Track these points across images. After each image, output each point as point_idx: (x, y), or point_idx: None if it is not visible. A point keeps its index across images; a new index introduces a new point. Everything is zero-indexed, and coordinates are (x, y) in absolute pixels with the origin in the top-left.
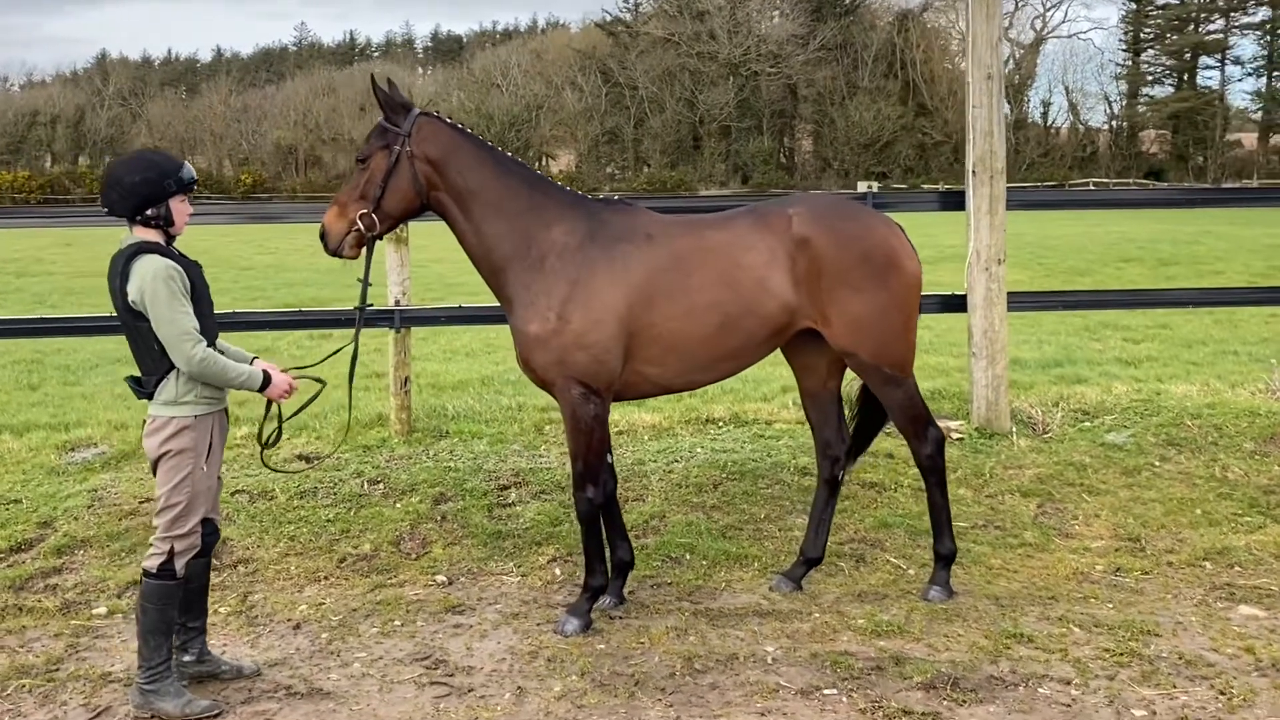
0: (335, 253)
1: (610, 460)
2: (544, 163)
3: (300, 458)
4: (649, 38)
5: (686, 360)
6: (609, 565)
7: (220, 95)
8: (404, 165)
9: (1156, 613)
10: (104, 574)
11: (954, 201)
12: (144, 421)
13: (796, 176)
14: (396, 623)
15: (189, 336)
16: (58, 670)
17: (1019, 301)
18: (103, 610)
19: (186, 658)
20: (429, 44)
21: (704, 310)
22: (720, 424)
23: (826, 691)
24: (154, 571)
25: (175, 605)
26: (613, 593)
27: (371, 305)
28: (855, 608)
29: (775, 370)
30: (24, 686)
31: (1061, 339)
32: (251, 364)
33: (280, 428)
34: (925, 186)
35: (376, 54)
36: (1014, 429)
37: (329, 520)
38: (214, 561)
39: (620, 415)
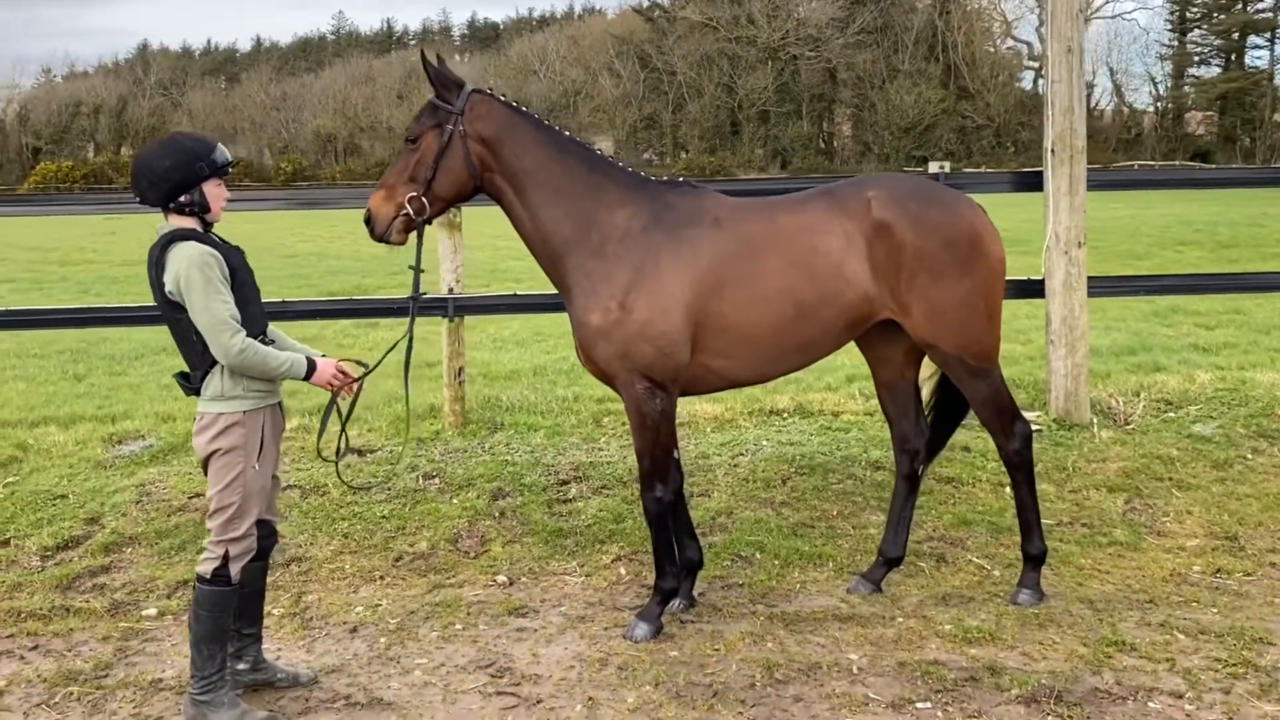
0: (382, 238)
1: (677, 455)
2: None
3: (353, 450)
4: (686, 22)
5: (757, 352)
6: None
7: (260, 84)
8: (456, 145)
9: (1266, 619)
10: (153, 573)
11: (1029, 183)
12: (195, 419)
13: (836, 161)
14: (457, 626)
15: (226, 326)
16: (106, 676)
17: (1100, 286)
18: (152, 611)
19: (241, 665)
20: (465, 32)
21: (776, 298)
22: (785, 415)
23: (919, 705)
24: (208, 577)
25: (230, 612)
26: (682, 595)
27: (425, 294)
28: (940, 612)
29: (840, 359)
30: (72, 694)
31: (1130, 324)
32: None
33: (345, 438)
34: (985, 169)
35: (414, 42)
36: (1094, 420)
37: (383, 517)
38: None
39: (680, 406)
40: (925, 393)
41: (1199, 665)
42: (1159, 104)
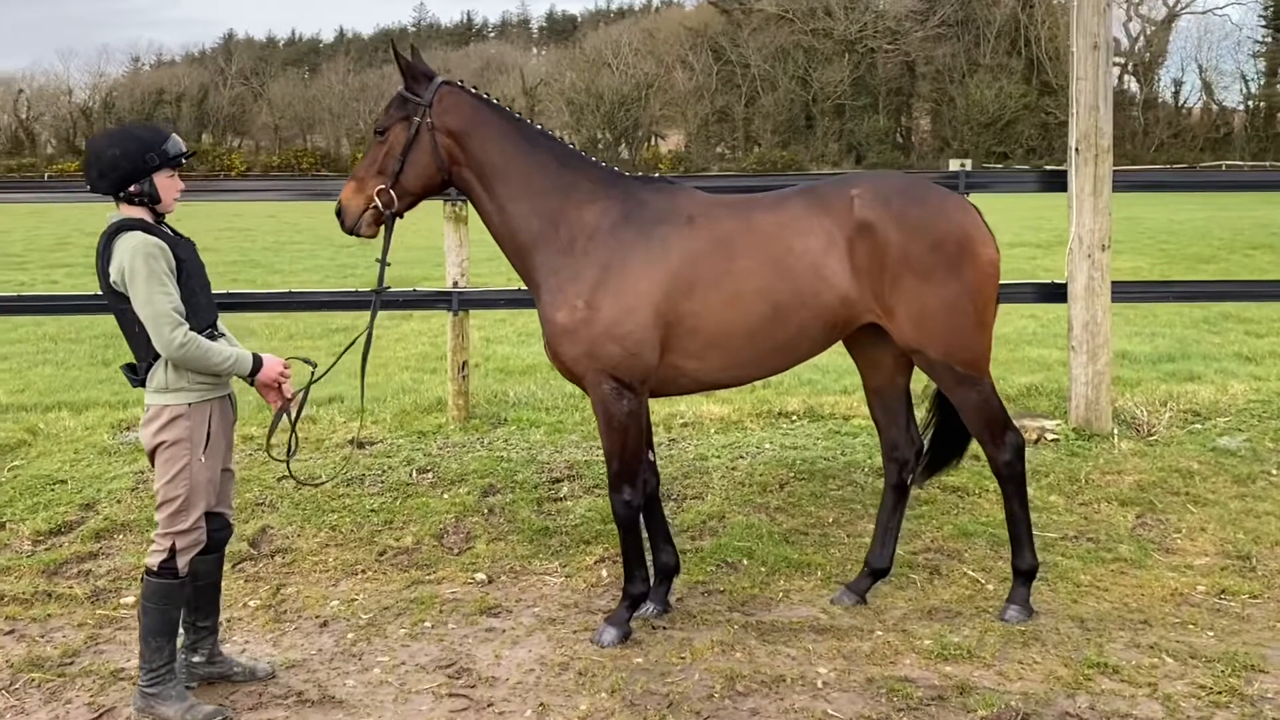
0: (352, 231)
1: (652, 458)
2: (653, 142)
3: (353, 443)
4: (762, 14)
5: (730, 354)
6: (651, 570)
7: (339, 75)
8: (424, 138)
9: (1264, 644)
10: (138, 560)
11: (1056, 182)
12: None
13: (913, 156)
14: (427, 624)
15: (168, 319)
16: (71, 664)
17: (1125, 292)
18: (130, 600)
19: (196, 658)
20: (543, 24)
21: (750, 299)
22: (794, 418)
23: None
24: (155, 569)
25: (178, 605)
26: (656, 600)
27: (389, 288)
28: (923, 626)
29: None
30: (33, 681)
31: (1177, 331)
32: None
33: (295, 437)
34: (1013, 168)
35: (492, 34)
36: (1116, 430)
37: (373, 510)
38: (251, 550)
39: (688, 406)
40: (926, 404)
41: (1181, 691)
42: (1250, 102)
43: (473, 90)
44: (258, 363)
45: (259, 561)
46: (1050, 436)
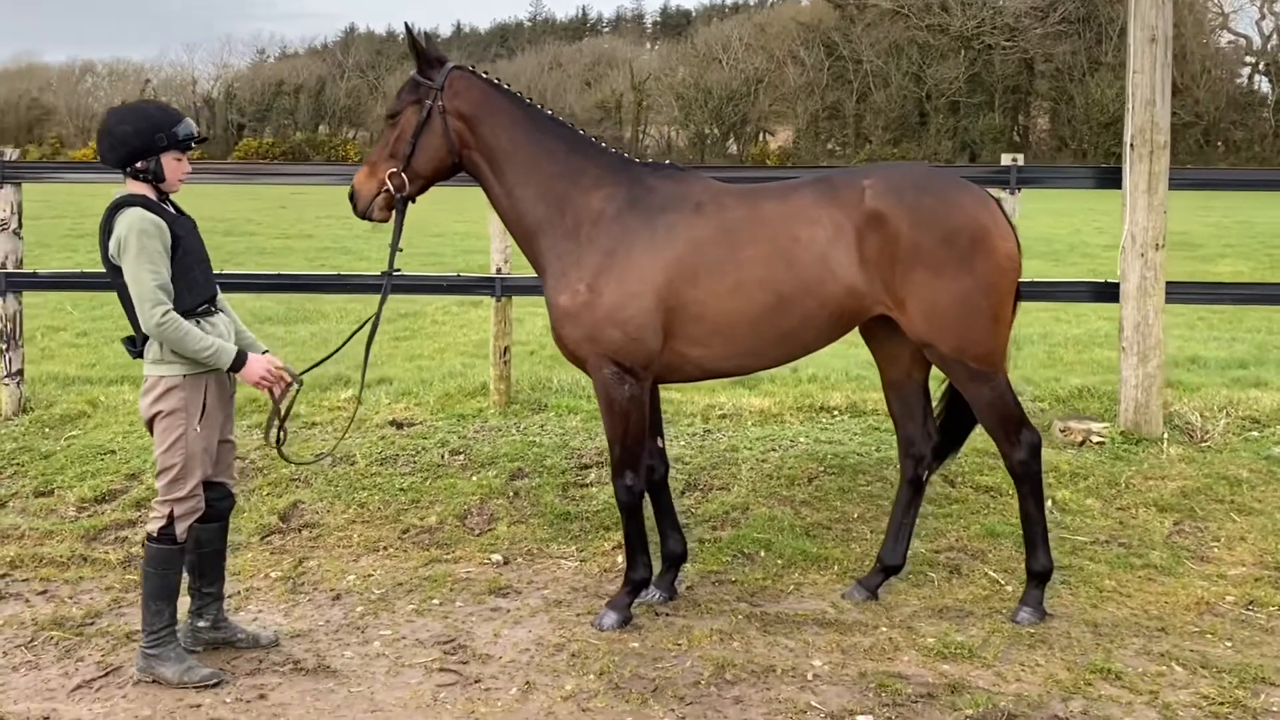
0: (365, 215)
1: (661, 445)
2: (761, 138)
3: (394, 424)
4: (877, 9)
5: (734, 343)
6: (659, 556)
7: None
8: (435, 121)
9: None
10: None
11: (1111, 179)
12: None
13: (1030, 156)
14: (435, 601)
15: (150, 296)
16: (91, 625)
17: (1180, 293)
18: None
19: (201, 623)
20: (657, 19)
21: (754, 288)
22: (835, 413)
23: (859, 718)
24: (155, 535)
25: (178, 570)
26: (662, 586)
27: (399, 270)
28: (930, 624)
29: None
30: (52, 639)
31: (1260, 337)
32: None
33: (283, 429)
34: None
35: (606, 29)
36: (1166, 435)
37: (402, 489)
38: (281, 524)
39: (727, 398)
40: (937, 394)
41: (1181, 701)
42: None
43: (484, 75)
44: (241, 359)
45: (287, 535)
46: (1096, 439)
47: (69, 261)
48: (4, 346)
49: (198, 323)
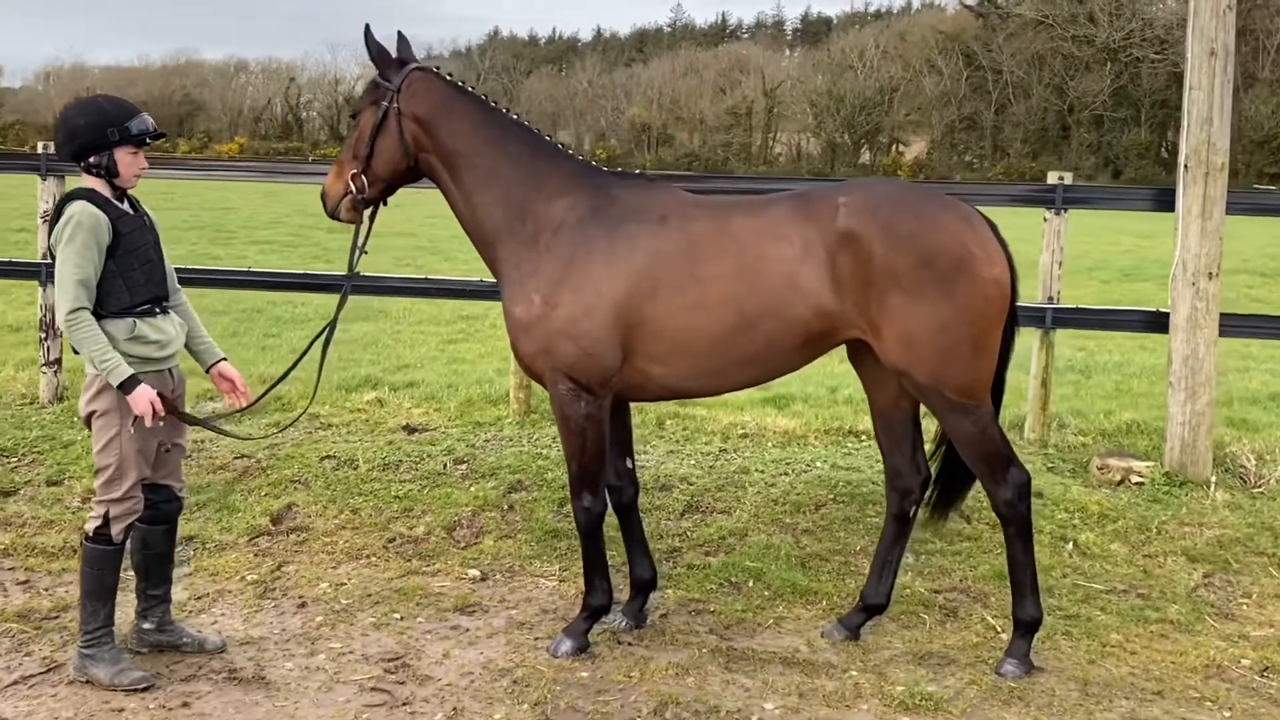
0: (333, 215)
1: (631, 466)
2: (895, 149)
3: (406, 428)
4: (1020, 19)
5: (697, 362)
6: (624, 581)
7: (588, 74)
8: (391, 123)
9: None
10: None
11: (1166, 201)
12: None
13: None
14: (397, 615)
15: (66, 293)
16: (55, 619)
17: (1234, 325)
18: None
19: (146, 625)
20: (798, 25)
21: (715, 306)
22: (862, 438)
23: None
24: (90, 535)
25: (114, 571)
26: (630, 614)
27: (359, 273)
28: (905, 671)
29: None
30: (9, 631)
31: None
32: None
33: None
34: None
35: (745, 35)
36: (1214, 478)
37: (397, 496)
38: (271, 526)
39: (751, 417)
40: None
41: None
42: None
43: (448, 77)
44: (131, 384)
45: (275, 537)
46: (1136, 479)
47: None
48: (43, 335)
49: (135, 323)
